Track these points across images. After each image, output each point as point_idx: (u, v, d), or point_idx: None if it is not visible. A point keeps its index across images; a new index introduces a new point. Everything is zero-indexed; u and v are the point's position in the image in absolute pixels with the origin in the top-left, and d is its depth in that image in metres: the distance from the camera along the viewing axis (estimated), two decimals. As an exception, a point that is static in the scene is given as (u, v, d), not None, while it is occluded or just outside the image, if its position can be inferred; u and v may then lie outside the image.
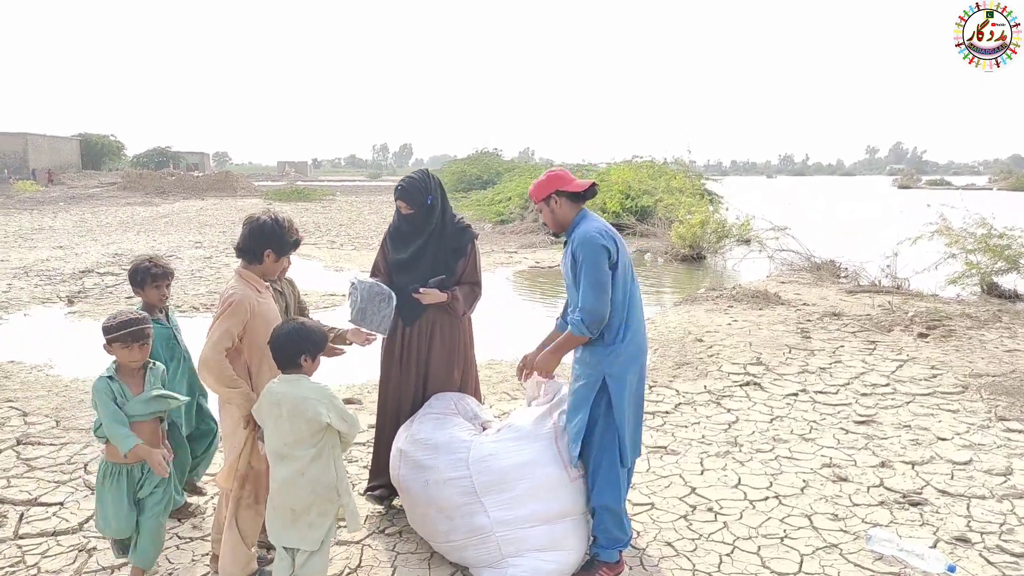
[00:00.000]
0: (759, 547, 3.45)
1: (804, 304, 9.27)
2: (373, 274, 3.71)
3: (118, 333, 2.86)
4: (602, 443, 3.08)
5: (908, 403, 5.46)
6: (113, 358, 2.93)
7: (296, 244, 3.14)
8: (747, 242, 14.97)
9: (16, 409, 5.23)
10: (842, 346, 7.10)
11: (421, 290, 3.49)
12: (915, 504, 3.87)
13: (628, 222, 18.12)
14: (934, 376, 6.10)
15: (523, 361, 3.44)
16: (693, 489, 4.07)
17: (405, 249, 3.59)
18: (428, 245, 3.55)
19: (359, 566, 3.27)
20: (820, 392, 5.73)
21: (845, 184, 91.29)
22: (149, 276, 3.60)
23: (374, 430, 3.81)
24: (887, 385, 5.88)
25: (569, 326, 3.05)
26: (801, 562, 3.32)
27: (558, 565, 3.06)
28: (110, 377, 2.90)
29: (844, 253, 12.60)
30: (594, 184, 3.24)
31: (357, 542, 3.46)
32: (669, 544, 3.48)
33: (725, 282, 12.10)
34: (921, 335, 7.46)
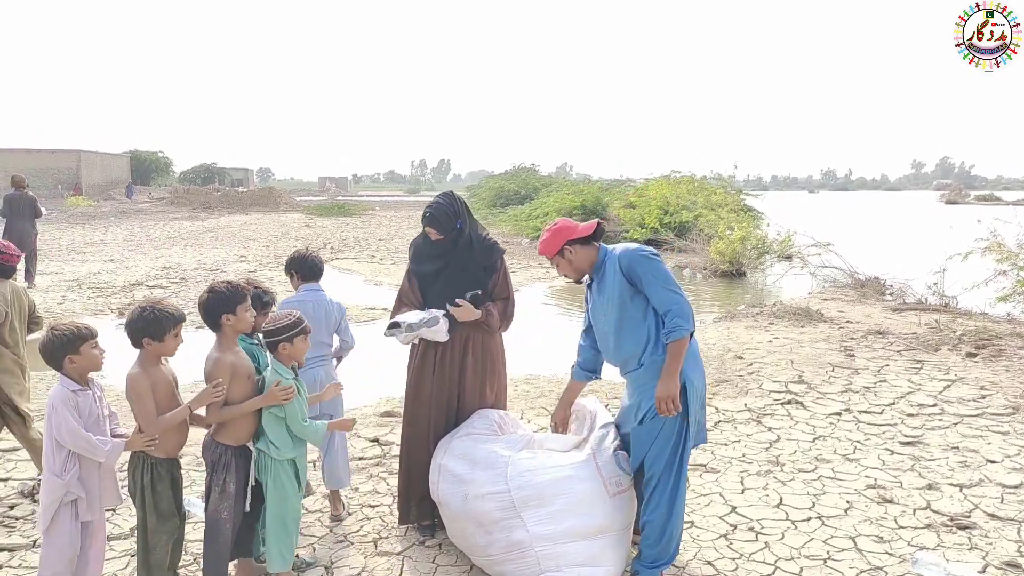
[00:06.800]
0: (801, 568, 3.41)
1: (847, 322, 9.12)
2: (400, 302, 3.69)
3: (296, 329, 3.06)
4: (662, 456, 3.09)
5: (956, 424, 5.34)
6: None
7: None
8: (788, 258, 14.77)
9: (71, 417, 5.41)
10: (887, 365, 6.97)
11: (457, 301, 3.48)
12: (963, 528, 3.78)
13: (667, 238, 18.02)
14: (983, 397, 5.95)
15: (555, 419, 3.56)
16: (734, 508, 4.04)
17: (431, 264, 3.60)
18: (452, 262, 3.55)
19: (400, 577, 3.31)
20: (864, 412, 5.63)
21: (890, 199, 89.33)
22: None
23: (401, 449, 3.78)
24: (934, 405, 5.75)
25: (667, 337, 3.00)
26: (845, 584, 3.27)
27: (597, 581, 3.07)
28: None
29: (889, 270, 12.35)
30: (600, 223, 3.30)
31: (398, 554, 3.52)
32: (709, 563, 3.46)
33: (766, 299, 11.96)
34: (970, 354, 7.28)
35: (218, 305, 2.99)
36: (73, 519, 2.80)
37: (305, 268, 3.95)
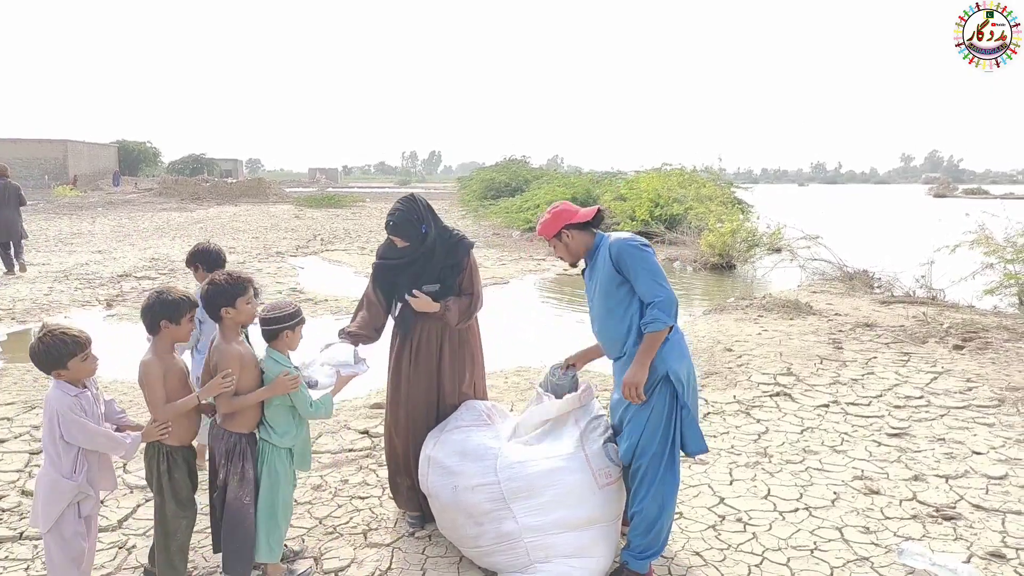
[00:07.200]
0: (789, 559, 3.44)
1: (836, 314, 9.17)
2: (360, 305, 3.66)
3: (300, 317, 3.09)
4: (649, 448, 3.08)
5: (942, 416, 5.38)
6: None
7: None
8: (778, 251, 14.81)
9: (58, 409, 5.37)
10: (875, 357, 7.02)
11: (415, 292, 3.46)
12: (949, 518, 3.82)
13: (657, 230, 18.05)
14: (969, 389, 6.00)
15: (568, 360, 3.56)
16: (722, 499, 4.06)
17: (395, 262, 3.59)
18: (416, 261, 3.53)
19: (389, 568, 3.32)
20: (852, 404, 5.67)
21: (879, 193, 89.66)
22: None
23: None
24: (921, 397, 5.80)
25: (645, 327, 3.00)
26: (831, 574, 3.30)
27: (586, 572, 3.09)
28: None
29: (877, 263, 12.42)
30: (600, 210, 3.30)
31: (387, 545, 3.52)
32: (698, 554, 3.48)
33: (755, 291, 12.00)
34: (956, 347, 7.34)
35: (217, 297, 2.97)
36: (78, 516, 2.79)
37: (210, 260, 4.12)
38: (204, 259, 4.14)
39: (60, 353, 2.66)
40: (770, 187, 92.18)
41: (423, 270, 3.52)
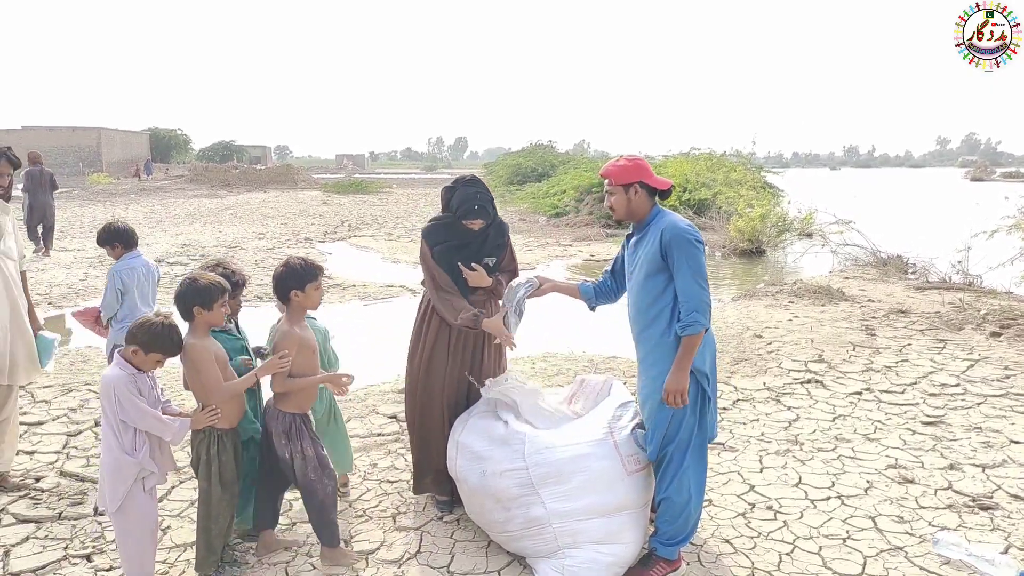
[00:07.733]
0: (820, 547, 3.40)
1: (869, 300, 9.01)
2: (437, 285, 3.57)
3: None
4: (673, 437, 3.06)
5: (979, 404, 5.27)
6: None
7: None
8: (809, 236, 14.58)
9: (94, 392, 5.49)
10: (909, 344, 6.89)
11: (474, 265, 3.50)
12: (985, 508, 3.74)
13: (685, 215, 17.88)
14: (1007, 377, 5.87)
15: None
16: (752, 487, 4.02)
17: (454, 244, 3.57)
18: (474, 240, 3.56)
19: (418, 552, 3.34)
20: (885, 391, 5.57)
21: (914, 176, 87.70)
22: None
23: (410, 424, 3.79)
24: (957, 385, 5.68)
25: (683, 330, 2.91)
26: (864, 564, 3.26)
27: (615, 558, 3.08)
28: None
29: (912, 248, 12.17)
30: (672, 186, 3.24)
31: (416, 529, 3.54)
32: (727, 541, 3.45)
33: (786, 277, 11.84)
34: (994, 334, 7.17)
35: (289, 280, 3.05)
36: (145, 492, 2.86)
37: (125, 237, 4.40)
38: (121, 237, 4.38)
39: (150, 341, 2.77)
40: (801, 171, 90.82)
41: (479, 250, 3.57)
